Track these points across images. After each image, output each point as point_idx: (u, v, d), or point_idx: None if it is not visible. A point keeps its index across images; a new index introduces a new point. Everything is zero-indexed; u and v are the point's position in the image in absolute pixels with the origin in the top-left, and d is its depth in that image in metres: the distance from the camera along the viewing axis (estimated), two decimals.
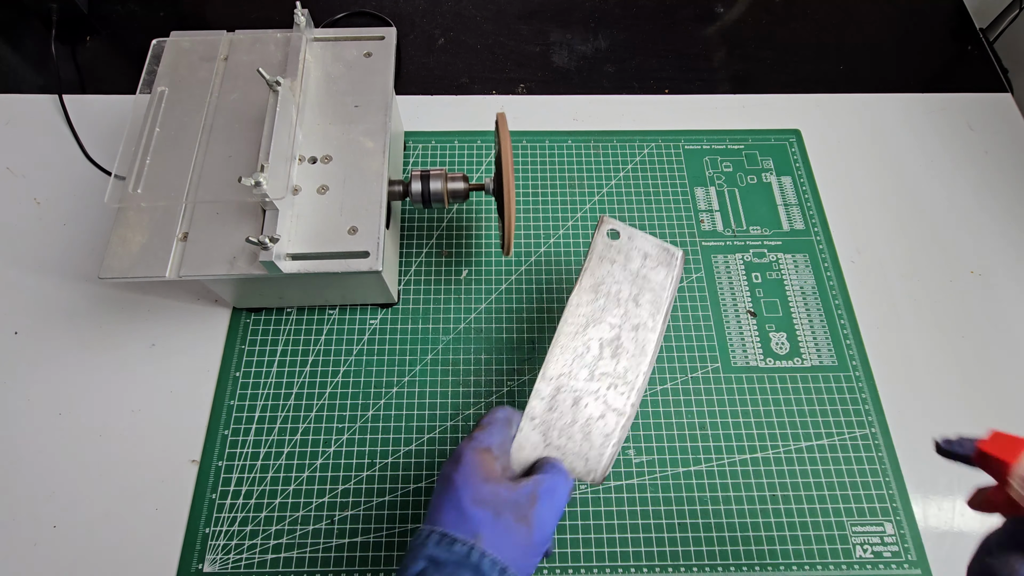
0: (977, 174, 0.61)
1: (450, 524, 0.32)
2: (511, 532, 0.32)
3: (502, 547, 0.32)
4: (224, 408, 0.49)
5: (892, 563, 0.45)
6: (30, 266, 0.54)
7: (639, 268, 0.44)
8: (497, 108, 0.63)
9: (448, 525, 0.32)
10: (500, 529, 0.32)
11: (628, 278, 0.43)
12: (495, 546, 0.31)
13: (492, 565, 0.31)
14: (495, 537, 0.32)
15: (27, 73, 0.64)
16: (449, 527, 0.32)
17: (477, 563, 0.31)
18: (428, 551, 0.31)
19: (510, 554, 0.32)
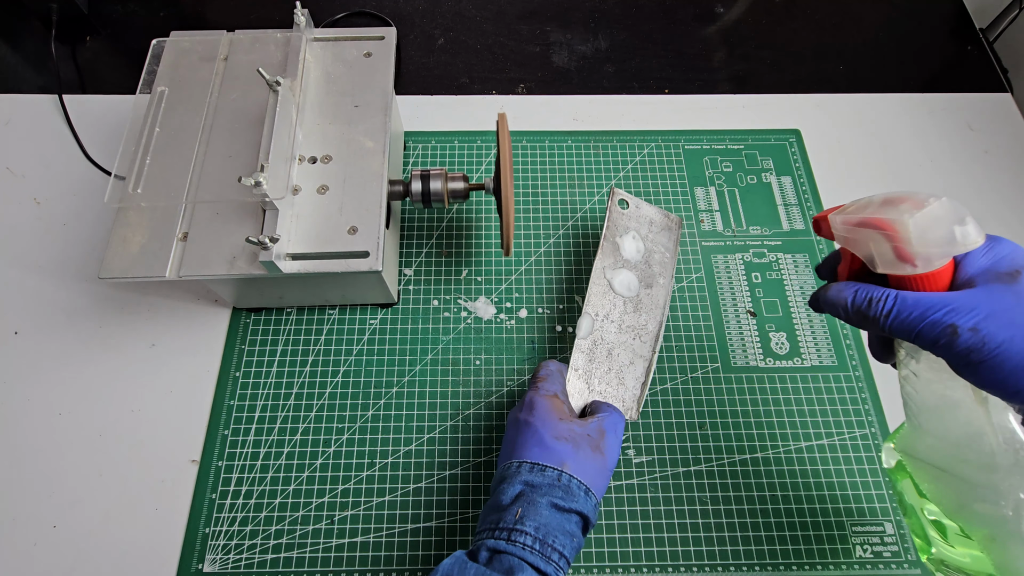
0: (977, 174, 0.61)
1: (537, 456, 0.38)
2: (590, 460, 0.38)
3: (584, 472, 0.37)
4: (224, 408, 0.49)
5: (892, 563, 0.45)
6: (30, 266, 0.54)
7: (647, 233, 0.52)
8: (497, 108, 0.63)
9: (536, 457, 0.37)
10: (581, 457, 0.38)
11: (639, 243, 0.51)
12: (579, 471, 0.37)
13: (579, 485, 0.37)
14: (577, 464, 0.37)
15: (27, 73, 0.64)
16: (535, 458, 0.37)
17: (567, 484, 0.36)
18: (523, 477, 0.37)
19: (590, 477, 0.37)
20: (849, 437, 0.49)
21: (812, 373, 0.51)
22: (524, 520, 0.35)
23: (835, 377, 0.51)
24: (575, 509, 0.36)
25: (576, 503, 0.36)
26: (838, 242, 0.33)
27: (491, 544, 0.35)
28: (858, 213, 0.30)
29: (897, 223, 0.28)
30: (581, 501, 0.36)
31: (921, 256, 0.28)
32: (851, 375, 0.51)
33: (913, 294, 0.28)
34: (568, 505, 0.36)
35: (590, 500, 0.37)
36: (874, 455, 0.48)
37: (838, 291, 0.31)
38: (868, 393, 0.50)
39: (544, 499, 0.35)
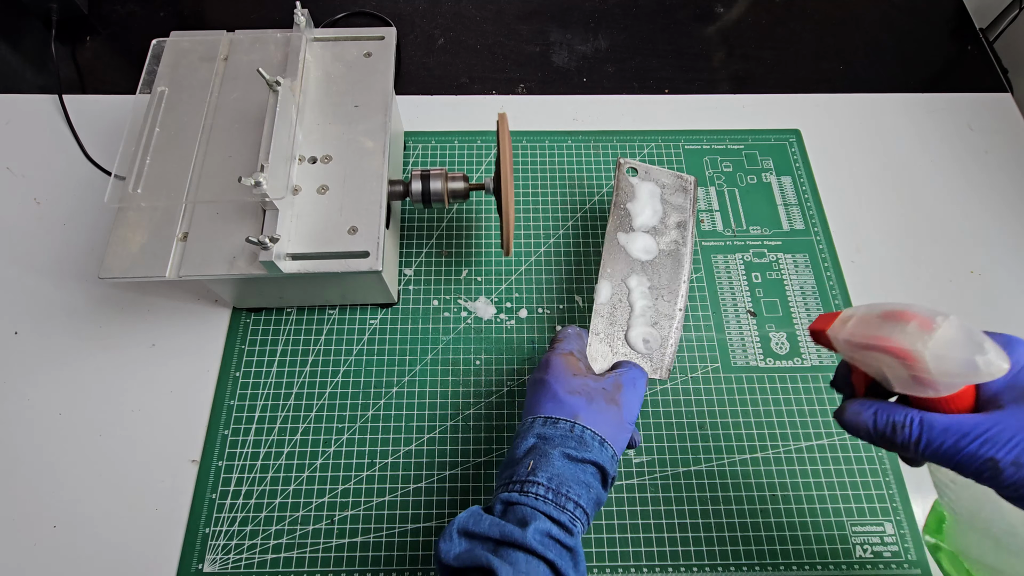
0: (977, 174, 0.61)
1: (550, 411, 0.38)
2: (604, 412, 0.38)
3: (598, 423, 0.37)
4: (224, 408, 0.49)
5: (892, 563, 0.45)
6: (30, 266, 0.54)
7: (660, 194, 0.51)
8: (497, 108, 0.63)
9: (549, 412, 0.38)
10: (594, 409, 0.38)
11: (652, 205, 0.50)
12: (592, 422, 0.37)
13: (592, 436, 0.36)
14: (591, 416, 0.37)
15: (27, 73, 0.64)
16: (550, 412, 0.38)
17: (580, 435, 0.36)
18: (536, 430, 0.37)
19: (605, 429, 0.37)
20: (849, 437, 0.49)
21: (812, 373, 0.51)
22: (536, 471, 0.35)
23: None
24: (589, 459, 0.36)
25: (590, 453, 0.36)
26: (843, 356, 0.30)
27: (504, 496, 0.35)
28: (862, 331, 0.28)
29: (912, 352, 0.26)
30: (596, 451, 0.36)
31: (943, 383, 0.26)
32: None
33: (941, 418, 0.27)
34: (581, 455, 0.35)
35: (606, 451, 0.36)
36: (874, 455, 0.48)
37: (855, 413, 0.29)
38: None
39: (556, 450, 0.35)
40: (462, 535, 0.34)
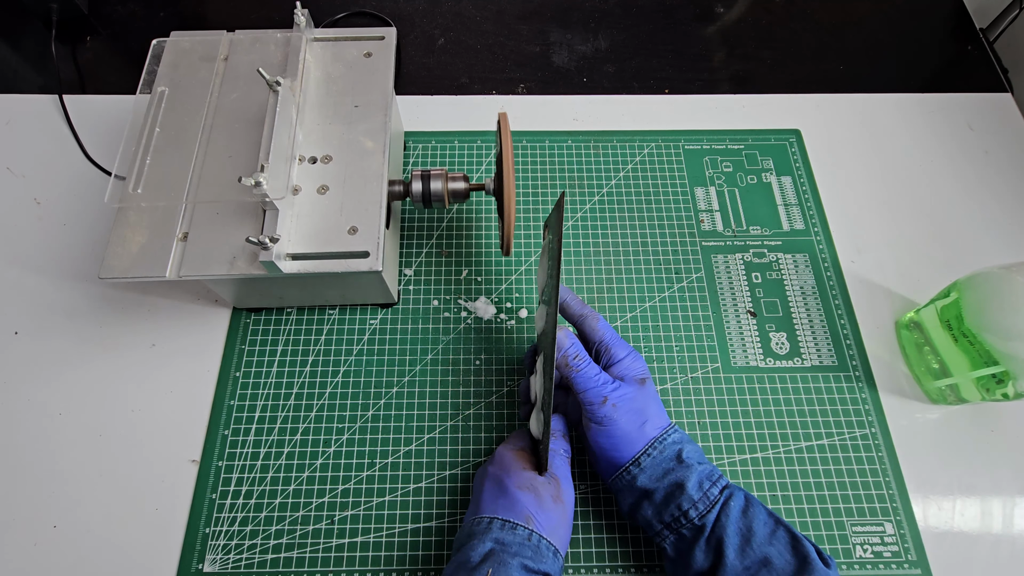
0: (977, 174, 0.61)
1: (503, 510, 0.38)
2: (552, 512, 0.38)
3: (551, 529, 0.38)
4: (224, 408, 0.49)
5: (892, 563, 0.45)
6: (30, 266, 0.54)
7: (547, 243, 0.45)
8: (497, 108, 0.63)
9: (502, 511, 0.38)
10: (545, 510, 0.38)
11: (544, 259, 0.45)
12: (547, 529, 0.37)
13: (548, 547, 0.37)
14: (543, 518, 0.38)
15: (27, 73, 0.64)
16: (503, 513, 0.38)
17: (537, 544, 0.37)
18: (494, 534, 0.37)
19: (557, 535, 0.38)
20: (849, 437, 0.49)
21: (812, 373, 0.51)
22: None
23: (835, 377, 0.51)
24: (543, 571, 0.36)
25: (545, 564, 0.36)
26: None
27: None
28: None
29: None
30: (549, 562, 0.36)
31: None
32: (851, 375, 0.51)
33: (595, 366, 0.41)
34: (538, 567, 0.36)
35: (557, 561, 0.37)
36: (874, 455, 0.48)
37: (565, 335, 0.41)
38: (868, 393, 0.50)
39: (515, 560, 0.35)
40: None
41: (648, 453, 0.39)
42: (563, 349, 0.40)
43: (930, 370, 0.49)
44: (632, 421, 0.39)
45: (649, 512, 0.39)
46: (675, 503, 0.38)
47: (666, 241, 0.56)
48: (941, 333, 0.47)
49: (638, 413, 0.40)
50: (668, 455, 0.39)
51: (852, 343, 0.52)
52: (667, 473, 0.39)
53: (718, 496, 0.38)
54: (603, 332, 0.43)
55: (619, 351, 0.42)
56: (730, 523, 0.37)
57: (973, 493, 0.47)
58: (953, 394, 0.48)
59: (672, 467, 0.39)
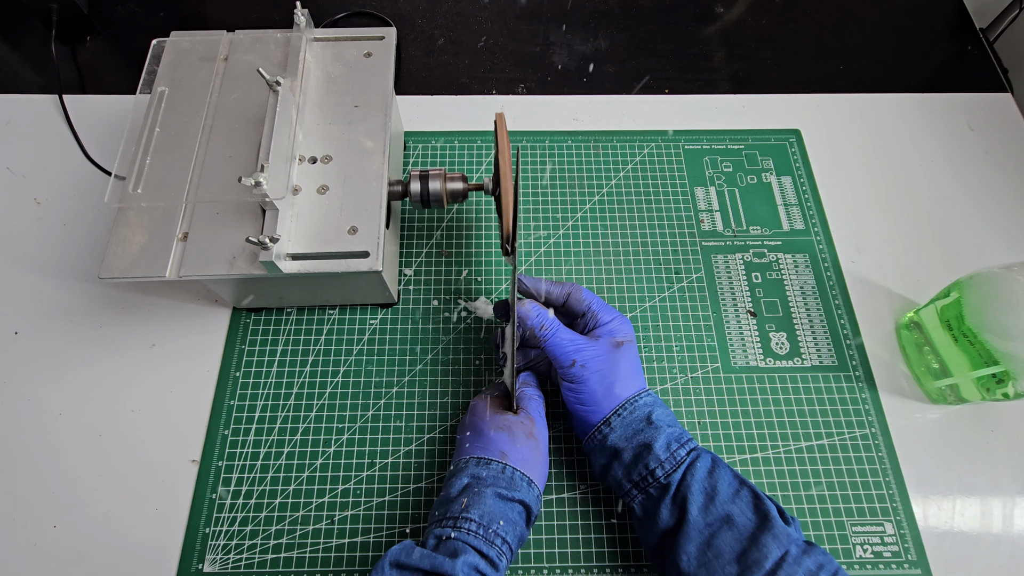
0: (977, 174, 0.61)
1: (479, 450, 0.41)
2: (526, 447, 0.41)
3: (524, 462, 0.40)
4: (224, 408, 0.49)
5: (892, 563, 0.45)
6: (30, 266, 0.54)
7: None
8: (497, 108, 0.63)
9: (478, 451, 0.41)
10: (518, 446, 0.40)
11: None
12: (519, 462, 0.40)
13: (521, 477, 0.39)
14: (516, 453, 0.40)
15: (27, 73, 0.64)
16: (478, 452, 0.40)
17: (511, 476, 0.39)
18: (471, 470, 0.40)
19: (531, 468, 0.40)
20: (849, 437, 0.49)
21: (812, 373, 0.51)
22: (470, 509, 0.37)
23: (835, 377, 0.51)
24: (517, 498, 0.38)
25: (519, 493, 0.39)
26: None
27: (438, 532, 0.37)
28: None
29: None
30: (524, 491, 0.39)
31: None
32: (851, 375, 0.51)
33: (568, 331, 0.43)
34: (511, 495, 0.38)
35: (532, 491, 0.40)
36: (874, 455, 0.48)
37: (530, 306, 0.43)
38: (868, 393, 0.50)
39: (489, 489, 0.38)
40: (394, 567, 0.35)
41: (619, 413, 0.41)
42: (529, 320, 0.42)
43: (930, 370, 0.49)
44: (601, 381, 0.41)
45: (619, 472, 0.40)
46: (643, 463, 0.39)
47: (666, 241, 0.56)
48: (941, 333, 0.47)
49: (607, 374, 0.41)
50: (638, 416, 0.41)
51: (852, 343, 0.52)
52: (636, 433, 0.40)
53: (684, 457, 0.39)
54: (589, 300, 0.45)
55: (604, 315, 0.44)
56: (695, 482, 0.38)
57: (973, 493, 0.47)
58: (953, 394, 0.48)
59: (641, 428, 0.40)
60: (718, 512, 0.37)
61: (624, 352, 0.42)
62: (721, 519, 0.37)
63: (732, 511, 0.37)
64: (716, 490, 0.38)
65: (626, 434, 0.40)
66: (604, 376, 0.41)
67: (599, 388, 0.41)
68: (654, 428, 0.40)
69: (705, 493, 0.38)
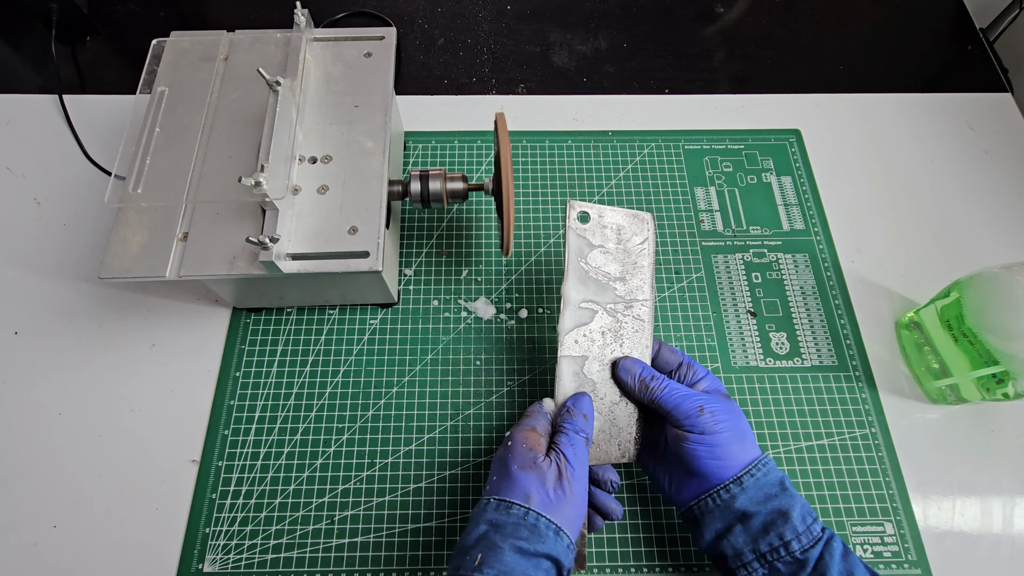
0: (977, 174, 0.61)
1: (504, 491, 0.36)
2: (556, 492, 0.35)
3: (551, 508, 0.35)
4: (224, 408, 0.49)
5: (892, 563, 0.45)
6: (30, 266, 0.54)
7: (616, 244, 0.44)
8: (497, 108, 0.63)
9: (502, 492, 0.36)
10: (547, 490, 0.35)
11: (610, 257, 0.44)
12: (545, 506, 0.35)
13: (547, 525, 0.34)
14: (543, 498, 0.35)
15: (27, 73, 0.64)
16: (503, 493, 0.35)
17: (535, 523, 0.34)
18: (488, 516, 0.35)
19: (560, 514, 0.35)
20: (849, 437, 0.49)
21: (812, 373, 0.51)
22: (483, 567, 0.32)
23: (835, 377, 0.51)
24: (543, 552, 0.33)
25: (544, 545, 0.33)
26: None
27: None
28: None
29: None
30: (550, 543, 0.33)
31: None
32: (851, 375, 0.51)
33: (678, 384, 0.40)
34: (535, 548, 0.33)
35: (561, 541, 0.34)
36: (874, 455, 0.48)
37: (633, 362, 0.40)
38: (868, 393, 0.50)
39: (507, 543, 0.33)
40: None
41: (752, 473, 0.37)
42: (637, 373, 0.39)
43: (930, 370, 0.49)
44: (735, 432, 0.37)
45: (741, 540, 0.36)
46: (776, 532, 0.35)
47: (666, 241, 0.56)
48: (941, 333, 0.47)
49: (737, 425, 0.38)
50: (773, 479, 0.37)
51: (852, 343, 0.52)
52: (770, 498, 0.36)
53: (820, 533, 0.35)
54: (682, 355, 0.43)
55: (700, 370, 0.42)
56: (833, 563, 0.34)
57: (973, 493, 0.47)
58: (953, 394, 0.48)
59: (776, 493, 0.36)
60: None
61: (736, 406, 0.39)
62: None
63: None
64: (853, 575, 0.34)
65: (758, 497, 0.36)
66: (735, 425, 0.38)
67: (733, 437, 0.37)
68: (789, 495, 0.36)
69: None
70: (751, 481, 0.37)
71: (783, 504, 0.36)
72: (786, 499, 0.36)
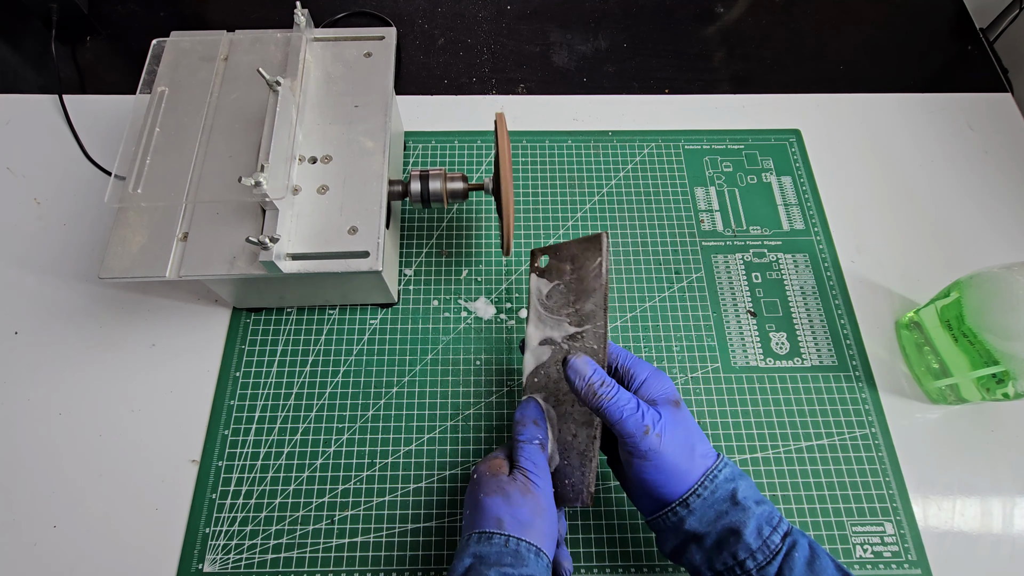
0: (977, 174, 0.61)
1: (478, 523, 0.36)
2: (523, 507, 0.36)
3: (525, 526, 0.35)
4: (224, 408, 0.49)
5: (892, 563, 0.45)
6: (30, 266, 0.54)
7: (571, 275, 0.44)
8: (497, 108, 0.63)
9: (477, 524, 0.36)
10: (513, 506, 0.36)
11: (565, 291, 0.44)
12: (519, 527, 0.35)
13: (528, 548, 0.35)
14: (513, 517, 0.35)
15: (27, 73, 0.64)
16: (478, 526, 0.36)
17: (515, 548, 0.34)
18: (471, 549, 0.35)
19: (534, 530, 0.35)
20: (849, 437, 0.49)
21: (812, 373, 0.51)
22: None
23: (835, 377, 0.51)
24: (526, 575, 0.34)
25: (527, 568, 0.34)
26: None
27: None
28: None
29: None
30: (532, 565, 0.34)
31: None
32: (851, 375, 0.51)
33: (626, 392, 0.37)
34: (519, 573, 0.33)
35: (540, 561, 0.35)
36: (874, 455, 0.48)
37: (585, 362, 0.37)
38: (868, 393, 0.50)
39: (492, 570, 0.33)
40: None
41: (697, 493, 0.35)
42: (586, 377, 0.36)
43: (930, 370, 0.49)
44: (680, 451, 0.35)
45: (697, 558, 0.35)
46: (729, 551, 0.34)
47: (666, 241, 0.56)
48: (941, 333, 0.47)
49: (684, 440, 0.36)
50: (721, 495, 0.35)
51: (852, 343, 0.52)
52: (720, 516, 0.35)
53: (779, 544, 0.34)
54: (617, 353, 0.40)
55: (640, 371, 0.39)
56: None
57: (973, 493, 0.47)
58: (953, 394, 0.48)
59: (726, 509, 0.35)
60: None
61: (685, 412, 0.37)
62: None
63: None
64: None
65: (708, 517, 0.35)
66: (681, 444, 0.35)
67: (679, 459, 0.35)
68: (741, 509, 0.35)
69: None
70: (698, 502, 0.35)
71: (734, 521, 0.34)
72: (737, 515, 0.35)
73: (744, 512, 0.35)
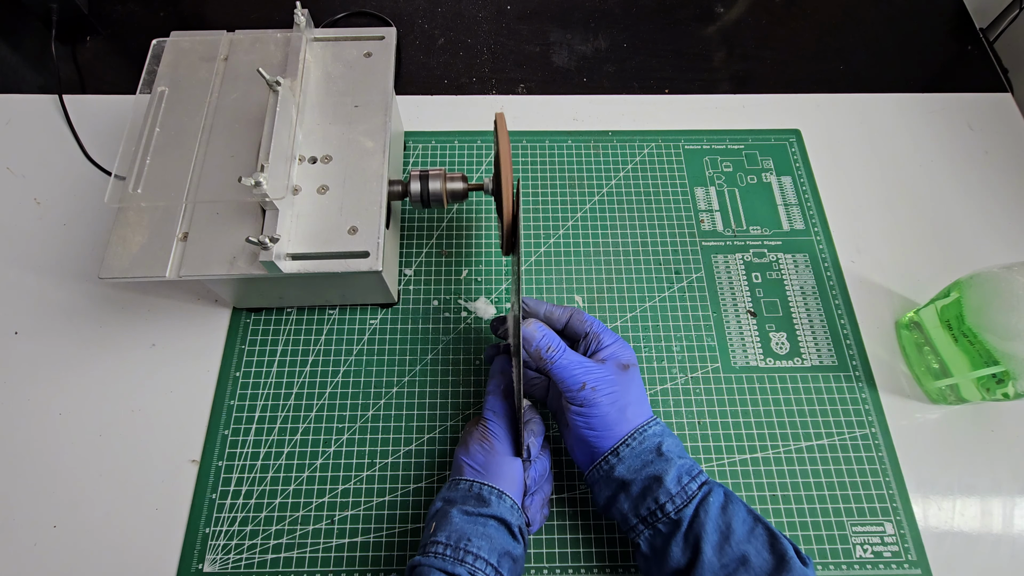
0: (977, 174, 0.61)
1: (452, 472, 0.41)
2: (481, 454, 0.40)
3: (485, 473, 0.40)
4: (224, 408, 0.49)
5: (892, 563, 0.45)
6: (30, 266, 0.54)
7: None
8: (497, 108, 0.63)
9: (452, 474, 0.41)
10: (472, 456, 0.41)
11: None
12: (480, 474, 0.40)
13: (490, 491, 0.39)
14: (472, 466, 0.40)
15: (27, 73, 0.64)
16: (452, 475, 0.41)
17: (477, 492, 0.39)
18: (442, 494, 0.40)
19: (499, 477, 0.39)
20: (849, 437, 0.49)
21: (812, 373, 0.51)
22: (437, 532, 0.37)
23: (835, 377, 0.51)
24: (487, 513, 0.37)
25: (488, 508, 0.37)
26: None
27: (412, 562, 0.37)
28: None
29: None
30: (494, 505, 0.37)
31: None
32: (851, 375, 0.51)
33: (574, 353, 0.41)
34: (479, 511, 0.37)
35: (503, 502, 0.38)
36: (874, 455, 0.48)
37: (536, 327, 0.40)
38: (868, 393, 0.50)
39: (455, 509, 0.37)
40: None
41: (627, 443, 0.39)
42: (535, 342, 0.40)
43: (930, 370, 0.49)
44: (612, 405, 0.39)
45: (625, 505, 0.39)
46: (652, 496, 0.37)
47: (666, 241, 0.56)
48: (941, 333, 0.47)
49: (618, 397, 0.39)
50: (648, 447, 0.39)
51: (852, 343, 0.52)
52: (645, 465, 0.38)
53: (696, 491, 0.37)
54: (591, 323, 0.44)
55: (606, 338, 0.43)
56: (709, 519, 0.36)
57: (973, 493, 0.47)
58: (953, 394, 0.48)
59: (651, 459, 0.38)
60: (734, 552, 0.35)
61: (631, 375, 0.41)
62: (737, 560, 0.35)
63: (748, 551, 0.35)
64: (731, 528, 0.36)
65: (635, 465, 0.38)
66: (615, 399, 0.39)
67: (611, 412, 0.39)
68: (664, 460, 0.38)
69: (719, 531, 0.36)
70: (627, 451, 0.39)
71: (657, 470, 0.38)
72: (661, 464, 0.38)
73: (667, 462, 0.38)
